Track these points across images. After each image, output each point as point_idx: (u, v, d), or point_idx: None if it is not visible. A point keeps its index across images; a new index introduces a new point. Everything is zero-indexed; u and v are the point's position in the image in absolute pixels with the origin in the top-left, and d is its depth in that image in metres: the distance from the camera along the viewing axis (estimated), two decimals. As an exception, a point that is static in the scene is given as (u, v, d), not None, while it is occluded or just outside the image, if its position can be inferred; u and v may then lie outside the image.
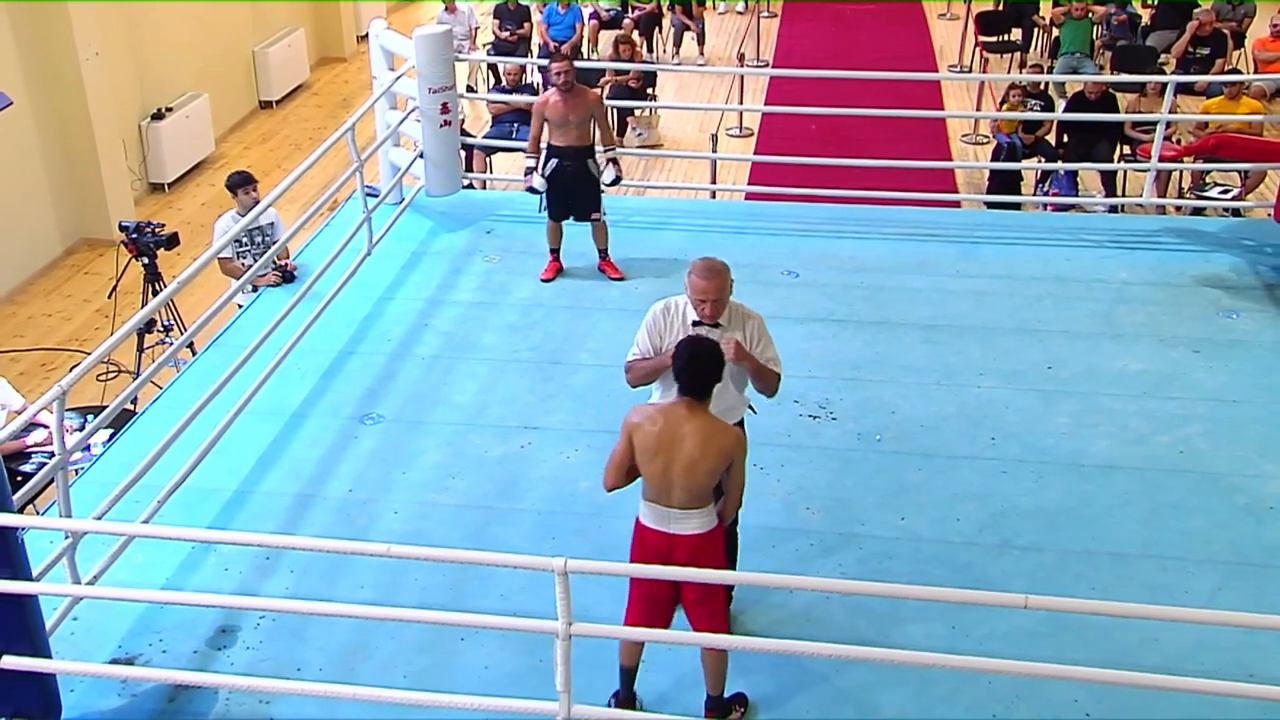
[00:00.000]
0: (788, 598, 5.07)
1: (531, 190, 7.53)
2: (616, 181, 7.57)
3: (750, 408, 4.79)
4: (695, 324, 4.65)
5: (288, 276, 7.51)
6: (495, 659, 4.77)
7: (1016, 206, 10.29)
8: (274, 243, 7.53)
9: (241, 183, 7.88)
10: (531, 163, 7.47)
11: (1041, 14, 15.11)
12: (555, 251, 7.72)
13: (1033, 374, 6.69)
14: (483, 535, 5.46)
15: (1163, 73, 12.35)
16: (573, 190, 7.45)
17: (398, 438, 6.19)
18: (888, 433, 6.22)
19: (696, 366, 4.14)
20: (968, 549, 5.41)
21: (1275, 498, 5.70)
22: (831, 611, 4.99)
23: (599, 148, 7.55)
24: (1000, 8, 15.47)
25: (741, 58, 14.65)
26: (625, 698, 4.54)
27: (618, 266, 7.66)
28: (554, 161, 7.40)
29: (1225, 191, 10.18)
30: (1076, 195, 10.67)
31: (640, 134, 12.97)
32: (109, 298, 8.91)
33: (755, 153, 12.19)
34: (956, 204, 10.55)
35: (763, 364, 4.65)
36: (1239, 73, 12.20)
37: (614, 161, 7.54)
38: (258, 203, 7.69)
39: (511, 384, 6.62)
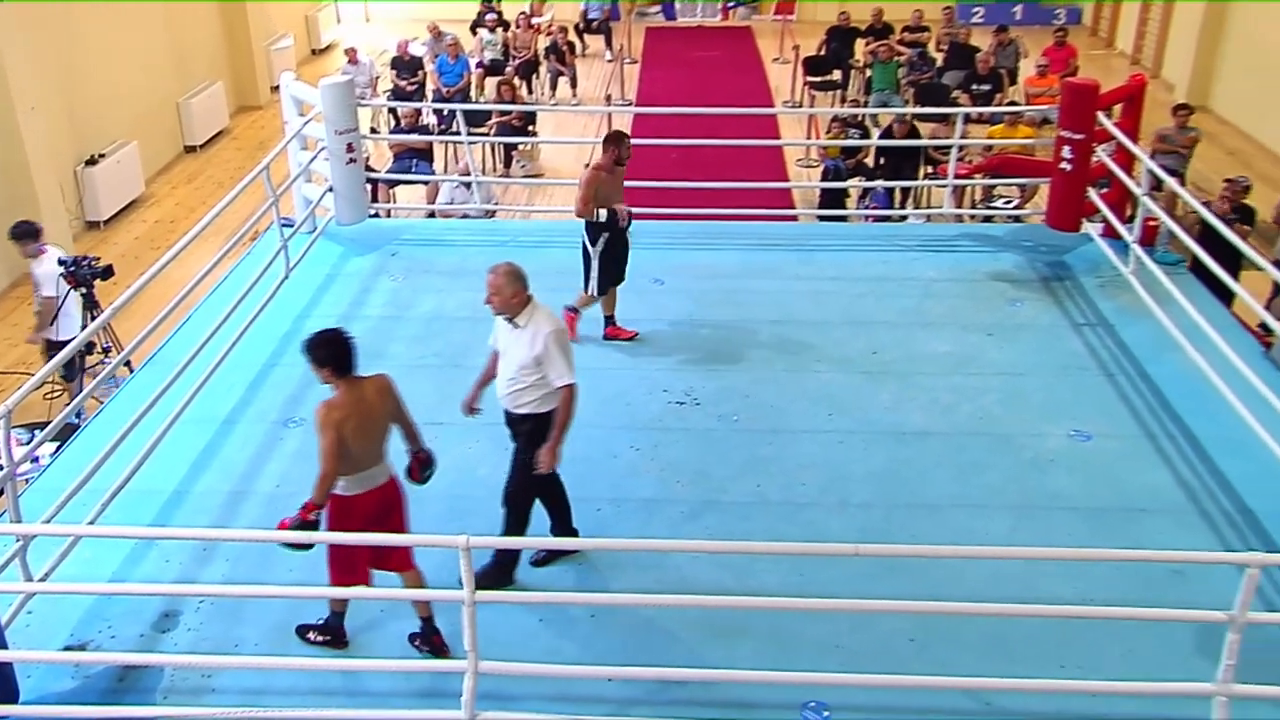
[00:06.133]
0: (662, 559, 5.10)
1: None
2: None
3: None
4: (506, 319, 4.77)
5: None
6: (411, 626, 4.67)
7: (843, 219, 10.51)
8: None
9: (21, 236, 7.60)
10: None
11: (856, 58, 15.47)
12: (612, 318, 7.02)
13: (861, 359, 6.81)
14: (398, 519, 5.37)
15: (955, 105, 12.73)
16: (623, 255, 6.91)
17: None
18: (743, 414, 6.27)
19: (347, 350, 4.30)
20: (812, 509, 5.49)
21: (1054, 452, 5.89)
22: (699, 568, 5.02)
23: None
24: (823, 53, 15.79)
25: (609, 98, 14.70)
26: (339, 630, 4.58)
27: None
28: (607, 234, 6.72)
29: (1008, 202, 10.53)
30: (891, 208, 10.95)
31: (524, 165, 12.91)
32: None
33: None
34: (794, 218, 10.74)
35: (563, 423, 4.73)
36: (1016, 104, 12.62)
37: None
38: (42, 251, 7.54)
39: (419, 386, 6.45)
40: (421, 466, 4.66)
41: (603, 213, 6.61)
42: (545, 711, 4.15)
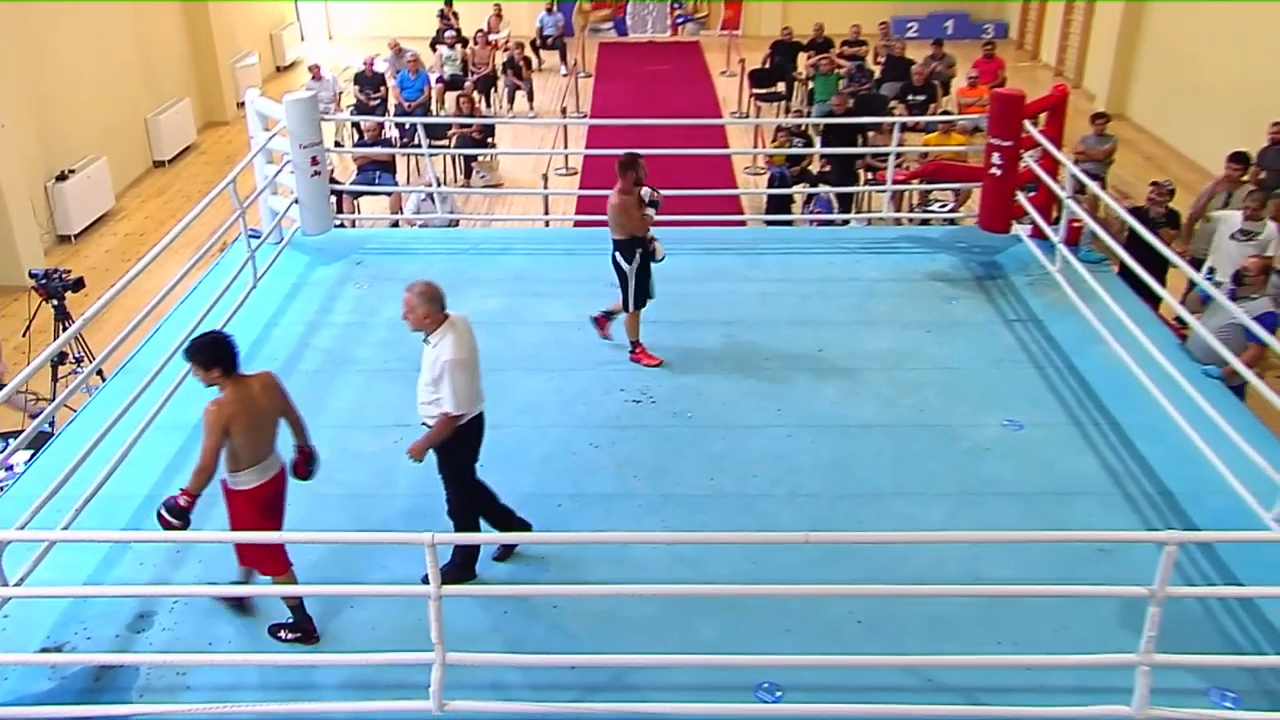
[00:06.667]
0: (622, 551, 5.10)
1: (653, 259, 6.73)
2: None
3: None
4: (423, 336, 4.81)
5: None
6: (380, 620, 4.66)
7: (789, 223, 10.57)
8: None
9: None
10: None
11: (799, 71, 15.58)
12: (638, 342, 6.81)
13: (807, 357, 6.84)
14: (366, 518, 5.32)
15: (892, 114, 12.86)
16: (649, 272, 6.73)
17: (287, 441, 5.95)
18: (696, 411, 6.28)
19: (230, 350, 4.34)
20: (763, 500, 5.51)
21: (990, 440, 5.97)
22: (657, 559, 5.03)
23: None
24: (767, 66, 15.88)
25: (564, 111, 14.67)
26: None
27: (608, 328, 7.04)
28: (640, 250, 6.60)
29: (944, 206, 10.65)
30: (835, 213, 11.03)
31: (484, 176, 12.85)
32: (24, 336, 8.36)
33: (580, 187, 12.19)
34: (742, 223, 10.77)
35: (431, 438, 4.79)
36: (949, 114, 12.77)
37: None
38: None
39: (384, 390, 6.47)
40: (306, 461, 4.68)
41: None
42: (511, 700, 4.15)
